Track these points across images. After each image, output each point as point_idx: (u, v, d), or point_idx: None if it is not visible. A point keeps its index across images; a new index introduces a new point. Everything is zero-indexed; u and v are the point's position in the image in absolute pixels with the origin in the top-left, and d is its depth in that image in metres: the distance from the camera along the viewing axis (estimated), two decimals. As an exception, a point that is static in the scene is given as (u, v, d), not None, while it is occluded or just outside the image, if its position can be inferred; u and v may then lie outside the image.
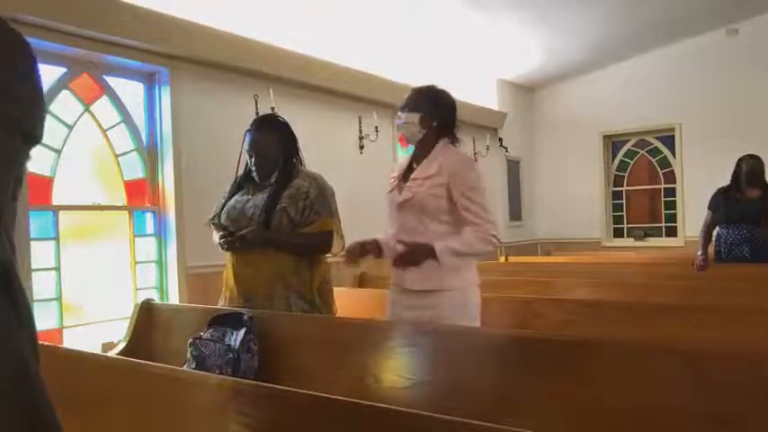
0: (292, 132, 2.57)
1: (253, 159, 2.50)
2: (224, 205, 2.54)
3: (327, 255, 2.53)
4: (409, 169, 2.37)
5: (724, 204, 4.44)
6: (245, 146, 2.51)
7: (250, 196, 2.50)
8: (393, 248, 2.29)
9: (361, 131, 5.38)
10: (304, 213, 2.42)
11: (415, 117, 2.31)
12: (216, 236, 2.50)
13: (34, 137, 0.79)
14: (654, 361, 1.61)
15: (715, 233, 4.54)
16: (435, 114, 2.33)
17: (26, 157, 0.80)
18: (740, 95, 6.75)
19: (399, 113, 2.37)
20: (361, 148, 5.38)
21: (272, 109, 4.17)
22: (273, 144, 2.48)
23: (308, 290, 2.44)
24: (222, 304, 2.53)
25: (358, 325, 2.22)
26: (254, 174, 2.51)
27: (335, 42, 5.05)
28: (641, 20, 6.28)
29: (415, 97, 2.36)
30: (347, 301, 2.98)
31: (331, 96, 5.08)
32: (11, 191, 0.75)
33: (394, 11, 5.17)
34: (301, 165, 2.57)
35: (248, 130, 2.53)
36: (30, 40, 2.93)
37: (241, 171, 2.63)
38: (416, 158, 2.37)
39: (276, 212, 2.40)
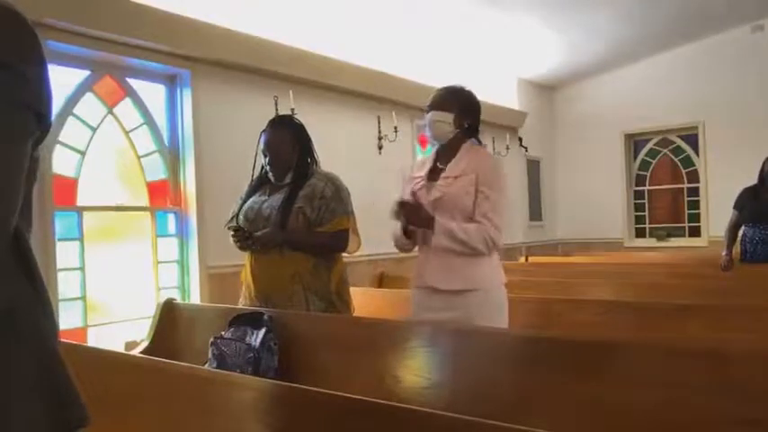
0: (306, 132, 2.58)
1: (267, 159, 2.52)
2: (241, 206, 2.56)
3: (344, 254, 2.54)
4: (434, 169, 2.36)
5: (750, 204, 4.37)
6: (260, 146, 2.54)
7: (267, 197, 2.51)
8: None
9: (379, 132, 5.38)
10: (320, 213, 2.43)
11: (449, 116, 2.31)
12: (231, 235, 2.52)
13: (46, 119, 0.82)
14: (676, 362, 1.59)
15: (740, 233, 4.48)
16: (467, 115, 2.34)
17: (39, 140, 0.83)
18: (766, 93, 6.62)
19: (430, 111, 2.35)
20: (380, 148, 5.39)
21: (292, 110, 4.19)
22: (287, 144, 2.50)
23: (327, 290, 2.45)
24: (242, 304, 2.55)
25: (378, 325, 2.22)
26: (270, 174, 2.53)
27: (354, 43, 5.06)
28: (664, 17, 6.19)
29: (447, 96, 2.36)
30: (365, 301, 2.99)
31: (350, 97, 5.10)
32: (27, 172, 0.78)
33: (413, 11, 5.17)
34: (316, 164, 2.58)
35: (263, 131, 2.55)
36: (54, 43, 2.99)
37: (257, 173, 2.65)
38: (441, 158, 2.36)
39: (292, 212, 2.41)
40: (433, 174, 2.34)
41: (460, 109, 2.33)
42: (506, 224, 2.27)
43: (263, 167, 2.59)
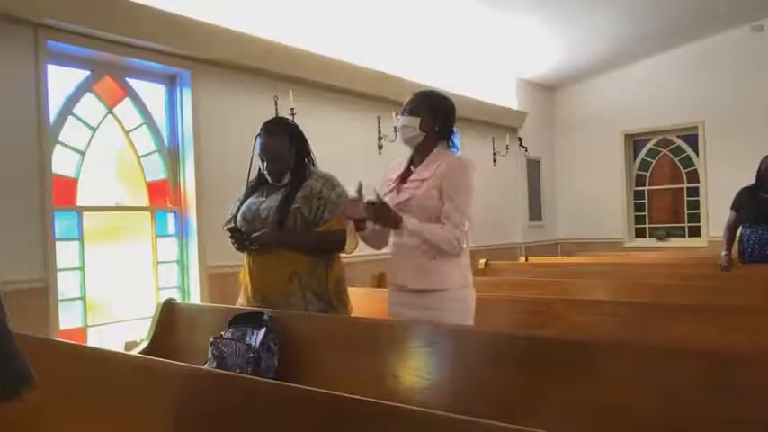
0: (302, 134, 2.58)
1: (265, 164, 2.52)
2: (239, 208, 2.56)
3: (342, 254, 2.54)
4: (407, 172, 2.41)
5: (748, 204, 4.37)
6: (257, 149, 2.53)
7: (264, 198, 2.52)
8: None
9: (379, 132, 5.39)
10: (317, 213, 2.44)
11: (416, 121, 2.34)
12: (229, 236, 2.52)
13: None
14: (676, 362, 1.59)
15: (739, 233, 4.47)
16: (435, 119, 2.36)
17: None
18: (765, 93, 6.62)
19: (399, 116, 2.40)
20: (380, 148, 5.39)
21: (292, 110, 4.19)
22: (284, 147, 2.50)
23: (325, 289, 2.46)
24: (240, 304, 2.55)
25: (378, 325, 2.22)
26: (268, 176, 2.53)
27: (354, 43, 5.06)
28: (664, 17, 6.19)
29: (416, 101, 2.39)
30: (364, 301, 2.98)
31: (350, 97, 5.10)
32: None
33: (413, 11, 5.17)
34: (313, 165, 2.59)
35: (258, 135, 2.54)
36: (54, 43, 3.00)
37: (253, 174, 2.65)
38: (414, 161, 2.41)
39: (290, 213, 2.42)
40: (405, 176, 2.40)
41: (430, 113, 2.35)
42: (467, 224, 2.28)
43: (259, 169, 2.59)
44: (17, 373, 0.97)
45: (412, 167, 2.41)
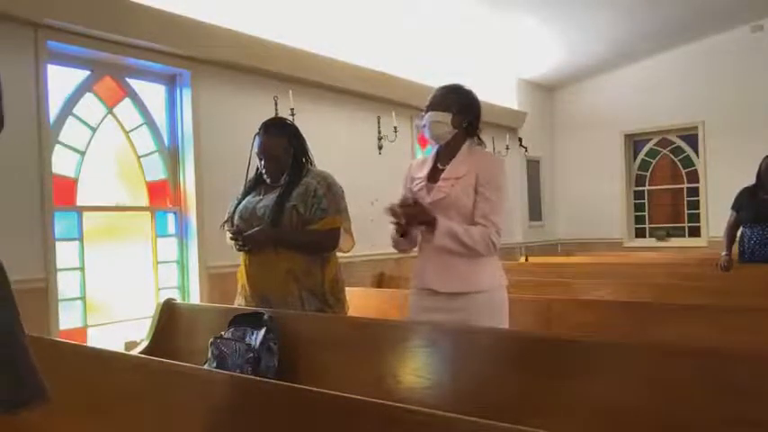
0: (300, 133, 2.58)
1: (263, 163, 2.52)
2: (236, 207, 2.56)
3: (339, 253, 2.54)
4: (434, 169, 2.32)
5: (748, 204, 4.37)
6: (255, 149, 2.53)
7: (261, 197, 2.52)
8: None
9: (379, 132, 5.38)
10: (312, 210, 2.43)
11: (448, 117, 2.26)
12: (228, 238, 2.52)
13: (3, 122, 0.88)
14: (676, 362, 1.59)
15: (739, 233, 4.47)
16: (466, 115, 2.29)
17: None
18: (765, 93, 6.62)
19: (428, 112, 2.30)
20: (380, 148, 5.39)
21: (292, 110, 4.19)
22: (282, 147, 2.50)
23: (320, 288, 2.46)
24: (238, 303, 2.55)
25: (378, 325, 2.22)
26: (265, 176, 2.53)
27: (354, 43, 5.06)
28: (664, 17, 6.19)
29: (446, 95, 2.31)
30: (363, 301, 2.99)
31: (350, 97, 5.10)
32: None
33: (413, 11, 5.17)
34: (311, 165, 2.59)
35: (257, 134, 2.55)
36: (54, 43, 3.00)
37: (251, 174, 2.65)
38: (441, 159, 2.32)
39: (286, 210, 2.42)
40: (434, 174, 2.30)
41: (459, 108, 2.28)
42: (506, 224, 2.24)
43: (257, 169, 2.59)
44: (28, 391, 0.95)
45: (439, 165, 2.31)
